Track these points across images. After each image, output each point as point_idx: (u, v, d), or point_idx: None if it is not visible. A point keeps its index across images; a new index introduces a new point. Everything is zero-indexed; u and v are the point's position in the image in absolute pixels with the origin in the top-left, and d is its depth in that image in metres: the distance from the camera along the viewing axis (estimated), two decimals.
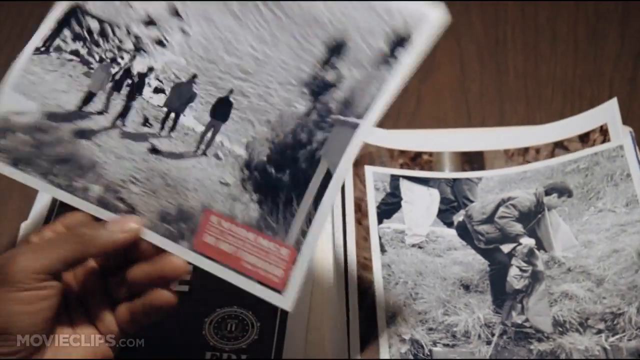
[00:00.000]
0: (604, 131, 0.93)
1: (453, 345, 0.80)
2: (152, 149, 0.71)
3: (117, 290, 0.69)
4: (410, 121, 1.02)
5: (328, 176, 0.62)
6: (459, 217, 0.91)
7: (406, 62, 0.62)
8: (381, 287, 0.84)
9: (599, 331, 0.79)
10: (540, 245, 0.87)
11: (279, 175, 0.65)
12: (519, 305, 0.82)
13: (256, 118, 0.67)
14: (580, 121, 0.96)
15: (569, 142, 0.94)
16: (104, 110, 0.72)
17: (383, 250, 0.88)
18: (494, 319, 0.82)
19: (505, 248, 0.87)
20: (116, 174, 0.70)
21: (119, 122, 0.72)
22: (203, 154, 0.69)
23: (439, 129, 1.00)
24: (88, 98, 0.73)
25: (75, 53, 0.74)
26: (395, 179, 0.94)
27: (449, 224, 0.90)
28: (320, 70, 0.65)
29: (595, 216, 0.87)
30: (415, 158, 0.96)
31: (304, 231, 0.63)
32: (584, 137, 0.94)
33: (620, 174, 0.89)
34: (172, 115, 0.71)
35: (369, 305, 0.83)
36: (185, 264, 0.66)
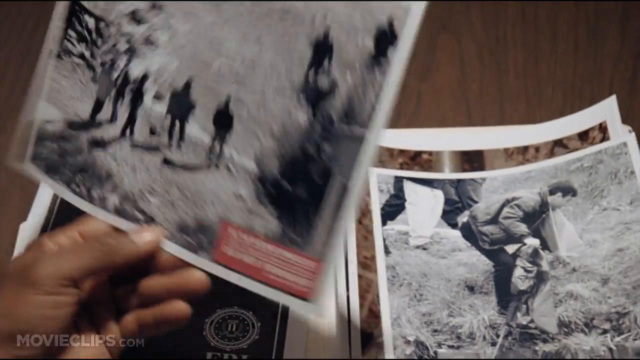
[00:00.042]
0: (603, 129, 0.93)
1: (458, 347, 0.80)
2: (165, 160, 0.70)
3: (126, 301, 0.68)
4: (410, 120, 1.01)
5: (343, 188, 0.62)
6: (463, 218, 0.90)
7: (398, 61, 0.60)
8: (385, 289, 0.84)
9: (605, 331, 0.79)
10: (544, 245, 0.86)
11: (294, 189, 0.65)
12: (524, 306, 0.82)
13: (260, 130, 0.66)
14: (580, 119, 0.96)
15: (569, 140, 0.94)
16: (112, 118, 0.72)
17: (387, 251, 0.87)
18: (498, 320, 0.82)
19: (510, 249, 0.87)
20: (133, 185, 0.70)
21: (127, 132, 0.72)
22: (215, 166, 0.68)
23: (439, 128, 1.00)
24: (98, 106, 0.72)
25: (82, 56, 0.73)
26: (399, 180, 0.94)
27: (453, 225, 0.90)
28: (312, 74, 0.64)
29: (600, 215, 0.87)
30: (415, 157, 0.96)
31: (326, 242, 0.63)
32: (583, 135, 0.94)
33: (624, 172, 0.89)
34: (177, 123, 0.70)
35: (370, 304, 0.83)
36: (208, 278, 0.66)
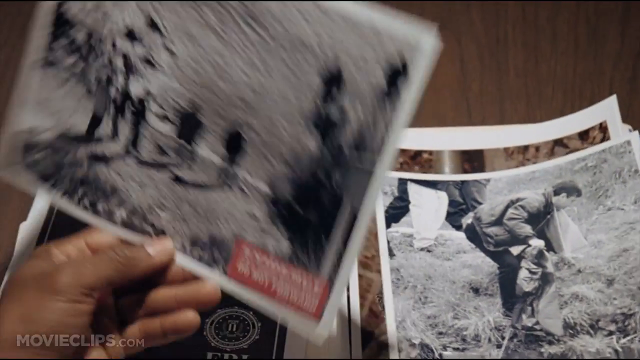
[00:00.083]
0: (603, 128, 0.93)
1: (463, 349, 0.80)
2: (176, 178, 0.70)
3: (130, 311, 0.68)
4: (410, 120, 1.01)
5: (353, 215, 0.63)
6: (467, 220, 0.90)
7: (409, 94, 0.61)
8: (390, 292, 0.84)
9: (610, 333, 0.78)
10: (549, 246, 0.86)
11: (306, 214, 0.66)
12: (529, 308, 0.82)
13: (272, 156, 0.66)
14: (580, 119, 0.96)
15: (569, 140, 0.94)
16: (113, 135, 0.72)
17: (392, 254, 0.87)
18: (504, 322, 0.81)
19: (515, 250, 0.86)
20: (142, 200, 0.70)
21: (131, 150, 0.71)
22: (228, 187, 0.69)
23: (439, 127, 1.00)
24: (95, 121, 0.72)
25: (72, 68, 0.72)
26: (403, 182, 0.93)
27: (458, 227, 0.90)
28: (322, 105, 0.64)
29: (604, 215, 0.87)
30: (415, 157, 0.96)
31: (336, 266, 0.64)
32: (583, 135, 0.94)
33: (629, 171, 0.89)
34: (187, 145, 0.70)
35: (370, 304, 0.83)
36: (219, 290, 0.67)
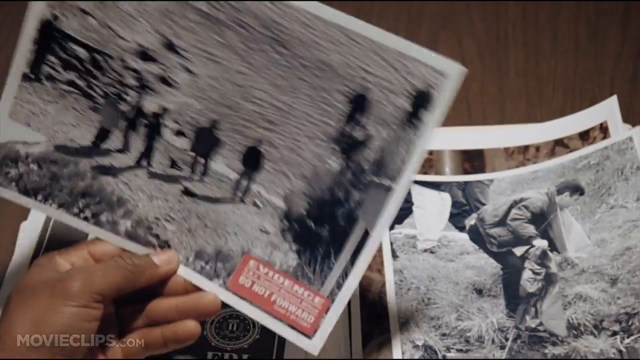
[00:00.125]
0: (604, 129, 0.93)
1: (467, 351, 0.80)
2: (186, 191, 0.71)
3: (130, 321, 0.69)
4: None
5: (366, 234, 0.65)
6: (470, 221, 0.90)
7: (431, 123, 0.64)
8: (393, 293, 0.84)
9: (614, 333, 0.79)
10: (553, 246, 0.86)
11: (318, 230, 0.67)
12: (533, 309, 0.82)
13: (291, 171, 0.68)
14: (580, 119, 0.96)
15: (569, 140, 0.95)
16: (124, 148, 0.72)
17: (395, 255, 0.87)
18: (507, 323, 0.81)
19: (518, 251, 0.86)
20: (149, 212, 0.71)
21: (143, 162, 0.72)
22: (241, 201, 0.70)
23: (440, 127, 1.00)
24: (102, 134, 0.73)
25: (72, 84, 0.73)
26: None
27: (461, 228, 0.90)
28: (346, 126, 0.66)
29: (607, 213, 0.87)
30: None
31: (340, 283, 0.66)
32: (584, 135, 0.94)
33: (630, 167, 0.88)
34: (202, 160, 0.71)
35: (371, 304, 0.83)
36: (219, 301, 0.68)
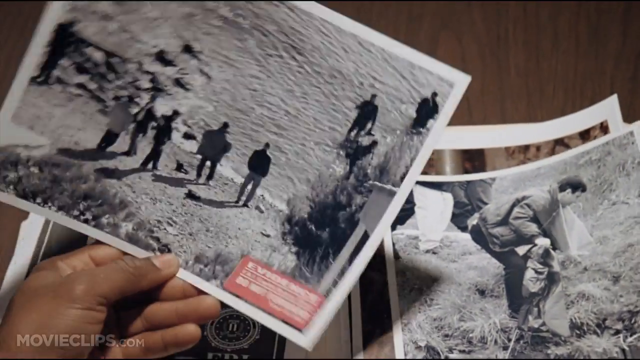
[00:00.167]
0: (604, 128, 0.93)
1: (469, 351, 0.80)
2: (190, 195, 0.72)
3: (130, 325, 0.69)
4: None
5: (365, 236, 0.66)
6: (473, 221, 0.90)
7: (436, 131, 0.65)
8: (396, 294, 0.84)
9: (617, 332, 0.78)
10: (555, 244, 0.86)
11: (319, 233, 0.68)
12: (536, 309, 0.82)
13: (296, 176, 0.69)
14: (581, 118, 0.96)
15: (570, 139, 0.94)
16: (130, 151, 0.72)
17: (397, 256, 0.87)
18: (510, 323, 0.81)
19: (521, 250, 0.86)
20: (151, 215, 0.71)
21: (149, 166, 0.72)
22: (244, 205, 0.71)
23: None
24: (109, 137, 0.72)
25: (82, 87, 0.72)
26: None
27: (463, 228, 0.89)
28: (352, 132, 0.67)
29: (609, 210, 0.87)
30: None
31: (336, 282, 0.67)
32: (584, 134, 0.94)
33: (632, 162, 0.88)
34: (208, 163, 0.72)
35: (371, 304, 0.84)
36: (219, 305, 0.69)
